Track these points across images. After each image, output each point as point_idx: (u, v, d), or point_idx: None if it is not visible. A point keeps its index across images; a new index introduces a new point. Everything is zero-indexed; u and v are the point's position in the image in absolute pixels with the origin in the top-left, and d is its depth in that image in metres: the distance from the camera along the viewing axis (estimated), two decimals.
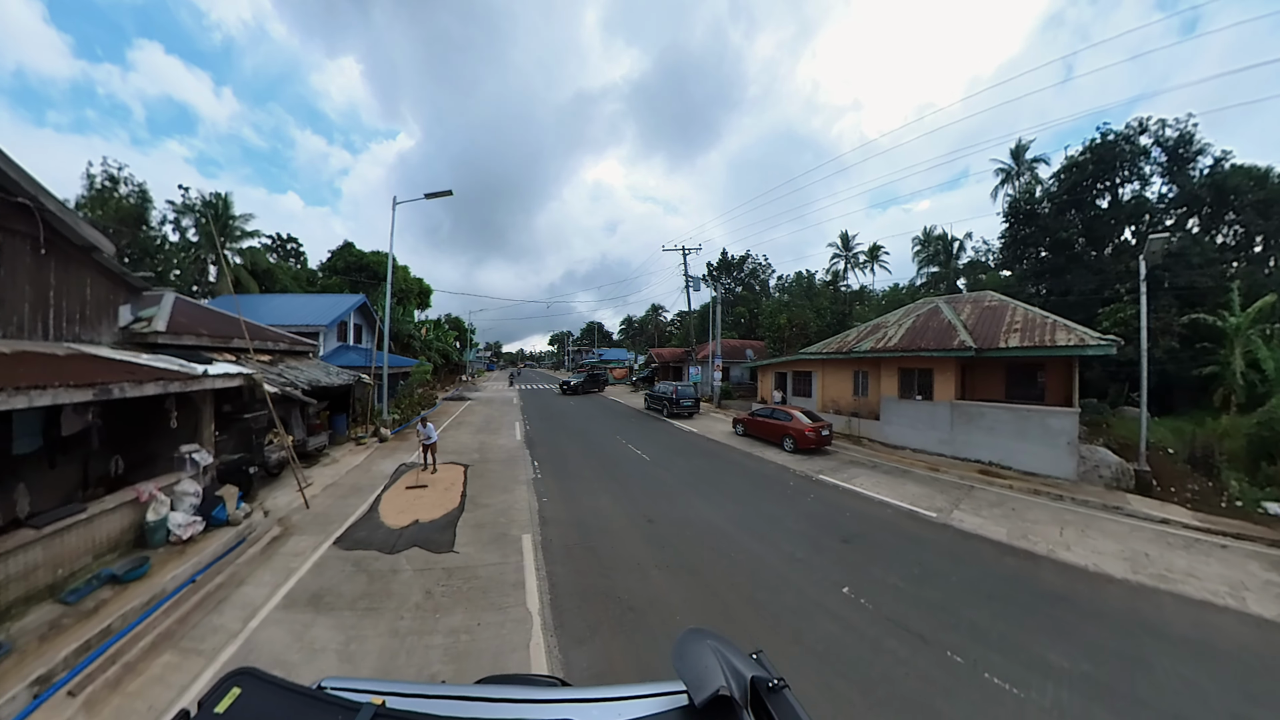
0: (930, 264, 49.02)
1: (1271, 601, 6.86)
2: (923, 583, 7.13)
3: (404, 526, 9.02)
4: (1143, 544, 9.06)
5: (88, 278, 8.96)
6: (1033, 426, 14.83)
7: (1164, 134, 29.42)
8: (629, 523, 9.64)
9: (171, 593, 6.36)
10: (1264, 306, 19.09)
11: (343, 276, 44.95)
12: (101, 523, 7.03)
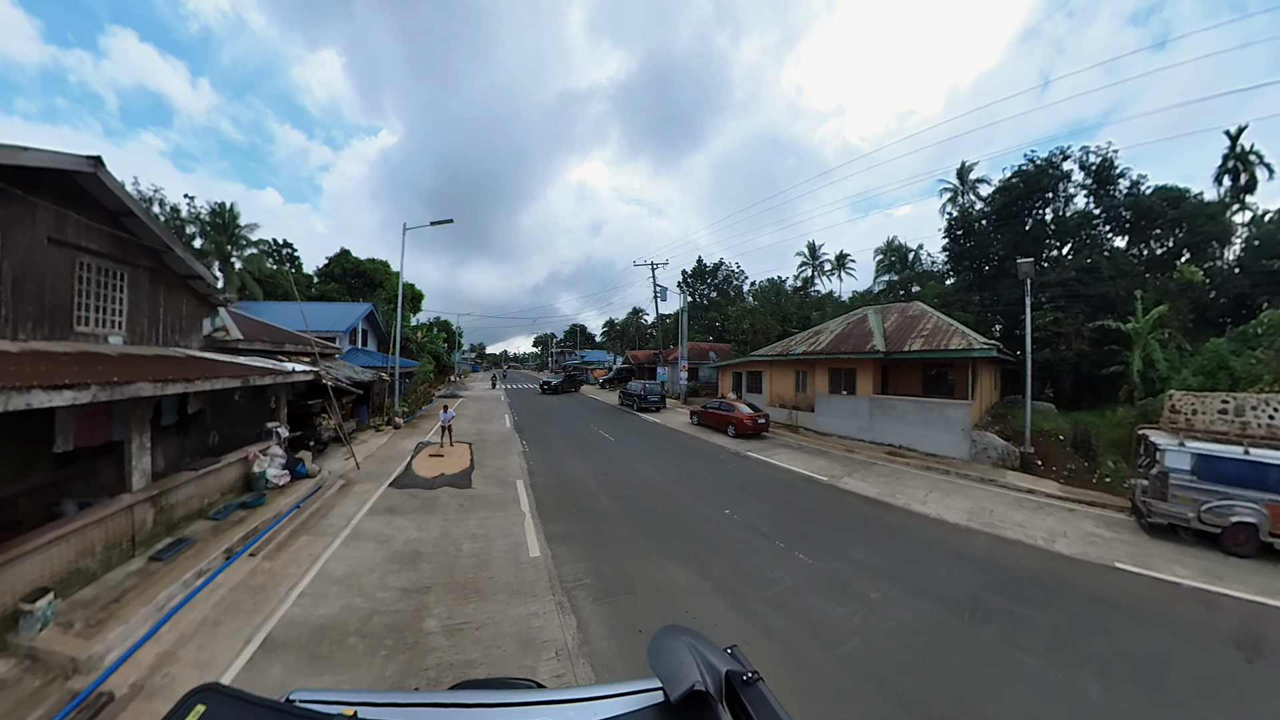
0: (889, 272, 53.19)
1: (1076, 545, 9.33)
2: (785, 512, 10.75)
3: (434, 476, 12.72)
4: (994, 504, 11.74)
5: (184, 297, 12.17)
6: (934, 416, 18.30)
7: (1088, 160, 33.57)
8: (589, 475, 13.44)
9: (286, 513, 9.77)
10: (1159, 314, 21.64)
11: (340, 283, 47.77)
12: (226, 472, 10.39)
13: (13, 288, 7.67)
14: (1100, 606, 6.96)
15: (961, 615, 6.50)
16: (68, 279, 8.76)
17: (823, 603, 6.75)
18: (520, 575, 7.40)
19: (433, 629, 5.84)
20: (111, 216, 9.50)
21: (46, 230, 8.25)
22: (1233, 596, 7.47)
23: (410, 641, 5.62)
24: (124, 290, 10.10)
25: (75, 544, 6.60)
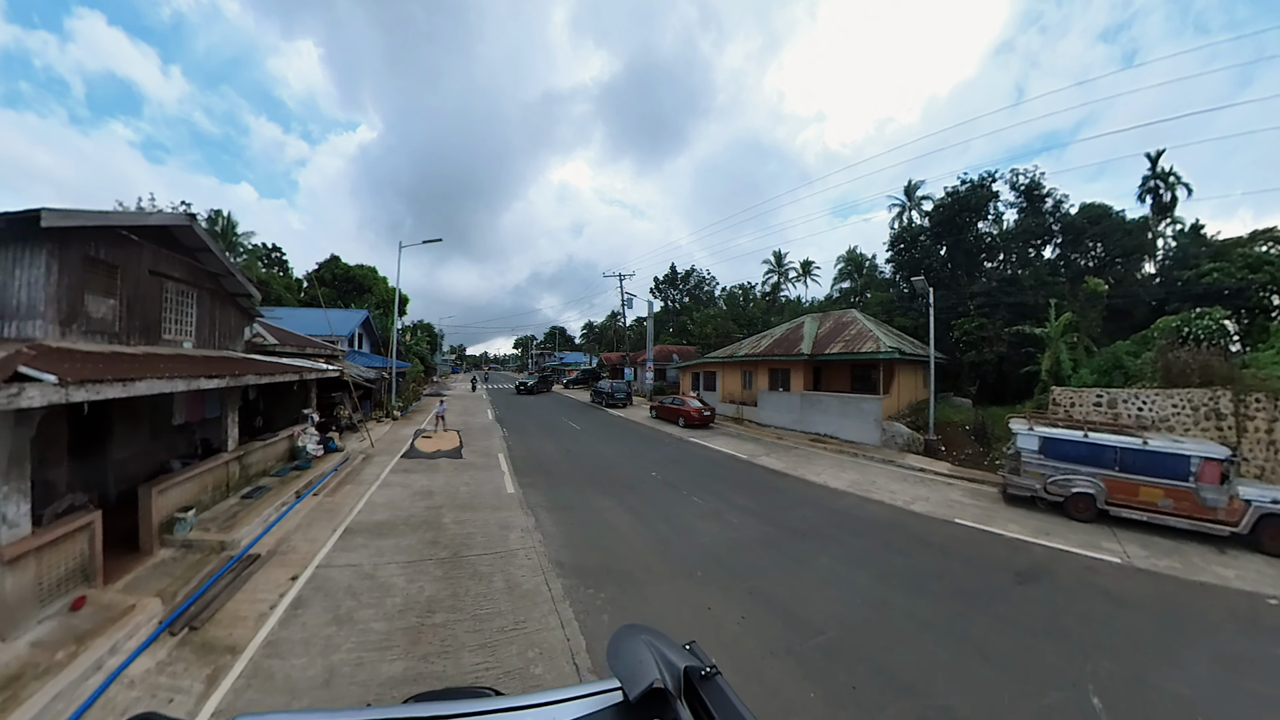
0: (847, 280, 57.43)
1: (932, 507, 11.65)
2: (699, 476, 14.41)
3: (433, 451, 16.28)
4: (880, 477, 14.45)
5: (232, 310, 15.36)
6: (852, 409, 21.97)
7: (1018, 181, 37.71)
8: (556, 452, 17.22)
9: (328, 473, 13.14)
10: (1067, 320, 23.77)
11: (330, 287, 50.42)
12: (279, 445, 13.70)
13: (126, 307, 10.87)
14: (915, 542, 9.35)
15: (795, 537, 9.58)
16: (158, 299, 11.96)
17: (698, 523, 10.28)
18: (500, 500, 11.07)
19: (447, 522, 9.50)
20: (189, 251, 12.74)
21: (148, 265, 11.47)
22: (1044, 545, 9.57)
23: (434, 526, 9.27)
24: (193, 306, 13.30)
25: (199, 483, 9.95)
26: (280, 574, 7.30)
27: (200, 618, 6.14)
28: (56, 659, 5.24)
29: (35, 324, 8.35)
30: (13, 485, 6.04)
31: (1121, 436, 11.94)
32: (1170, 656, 6.03)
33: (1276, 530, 10.04)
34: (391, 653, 5.37)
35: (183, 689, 4.86)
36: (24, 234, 8.06)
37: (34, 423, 6.24)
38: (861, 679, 5.16)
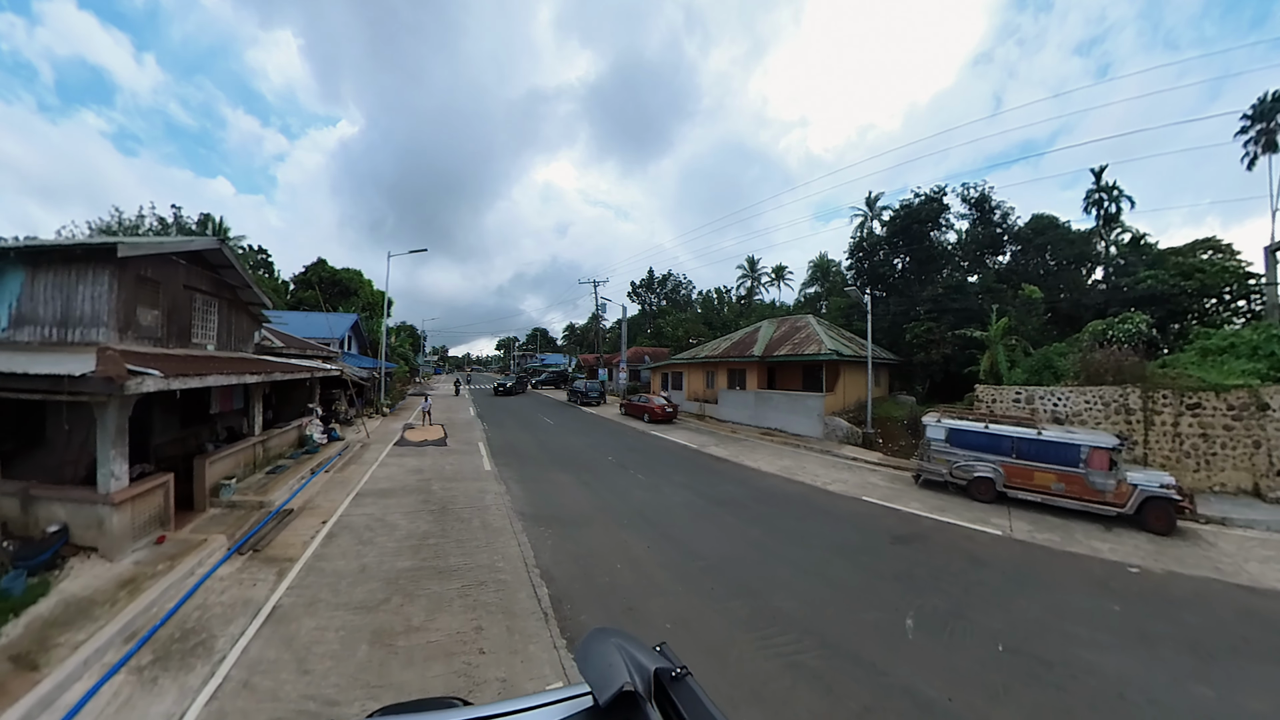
0: (815, 284, 60.44)
1: (848, 488, 13.48)
2: (649, 460, 16.93)
3: (421, 441, 18.62)
4: (812, 464, 16.51)
5: (245, 316, 17.57)
6: (798, 405, 24.60)
7: (969, 194, 40.64)
8: (529, 441, 19.71)
9: (334, 456, 15.47)
10: (1005, 324, 25.45)
11: (316, 290, 52.07)
12: (291, 433, 16.02)
13: (167, 316, 13.10)
14: (816, 512, 11.17)
15: (713, 504, 11.91)
16: (188, 309, 14.17)
17: (637, 492, 12.83)
18: (479, 475, 13.59)
19: (436, 489, 12.03)
20: (214, 268, 14.90)
21: (183, 280, 13.69)
22: (935, 519, 10.95)
23: (426, 491, 11.81)
24: (215, 314, 15.48)
25: (235, 460, 12.28)
26: (313, 520, 9.74)
27: (260, 544, 8.56)
28: (158, 569, 7.61)
29: (99, 331, 10.44)
30: (118, 450, 8.38)
31: (1019, 428, 12.99)
32: (1000, 603, 7.25)
33: (1159, 511, 11.01)
34: (401, 557, 7.90)
35: (261, 579, 7.29)
36: (93, 258, 10.21)
37: (132, 405, 8.59)
38: (721, 586, 7.50)
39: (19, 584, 6.80)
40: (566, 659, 5.47)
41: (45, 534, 7.93)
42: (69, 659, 5.35)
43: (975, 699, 5.06)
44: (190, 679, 5.07)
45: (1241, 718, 5.13)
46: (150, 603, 6.63)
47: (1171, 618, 7.16)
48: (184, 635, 5.89)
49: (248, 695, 4.81)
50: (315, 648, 5.53)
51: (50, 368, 7.80)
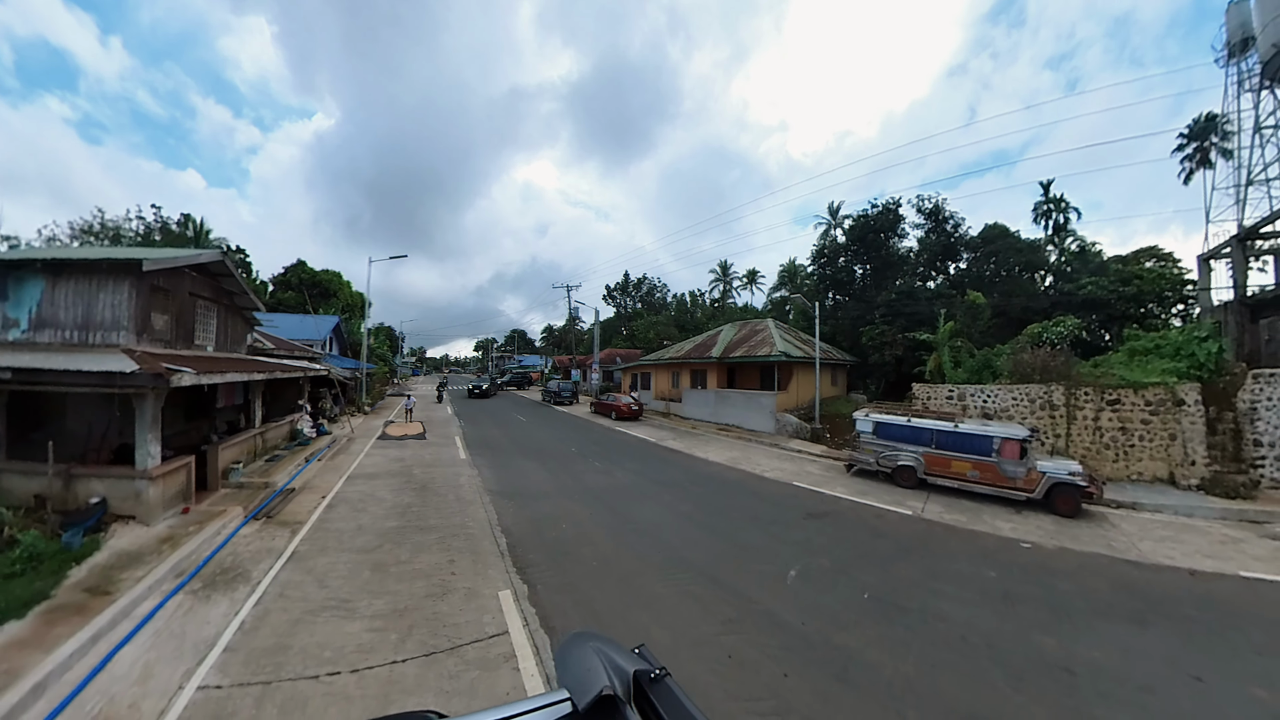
0: (783, 288, 62.99)
1: (784, 475, 14.95)
2: (609, 452, 18.92)
3: (402, 436, 20.41)
4: (758, 455, 18.26)
5: (241, 320, 19.15)
6: (753, 403, 26.68)
7: (924, 205, 43.15)
8: (502, 436, 21.60)
9: (324, 449, 17.21)
10: (950, 328, 26.89)
11: (296, 291, 52.82)
12: (284, 428, 17.71)
13: (176, 321, 14.73)
14: (746, 493, 12.82)
15: (656, 485, 14.00)
16: (191, 314, 15.73)
17: (591, 476, 14.82)
18: (455, 462, 15.51)
19: (417, 473, 13.93)
20: (214, 276, 16.49)
21: (189, 288, 15.30)
22: (854, 500, 12.44)
23: (408, 475, 13.69)
24: (214, 318, 17.02)
25: (239, 448, 14.01)
26: (313, 496, 11.61)
27: (273, 513, 10.41)
28: (189, 530, 9.41)
29: (119, 334, 11.87)
30: (154, 434, 10.14)
31: (938, 421, 14.10)
32: (883, 566, 8.33)
33: (1066, 496, 11.92)
34: (390, 520, 9.87)
35: (278, 535, 9.17)
36: (116, 269, 11.70)
37: (164, 396, 10.35)
38: (644, 542, 9.46)
39: (77, 539, 8.56)
40: (516, 581, 7.47)
41: (88, 504, 9.64)
42: (134, 588, 7.14)
43: (826, 626, 6.36)
44: (237, 594, 6.95)
45: (1072, 662, 5.87)
46: (190, 552, 8.45)
47: (1044, 584, 8.05)
48: (224, 571, 7.75)
49: (283, 600, 6.72)
50: (329, 574, 7.47)
51: (97, 365, 9.55)
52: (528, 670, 5.25)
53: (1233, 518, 12.37)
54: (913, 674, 5.43)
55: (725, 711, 4.67)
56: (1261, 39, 20.97)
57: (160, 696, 4.89)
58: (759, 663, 5.48)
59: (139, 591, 7.00)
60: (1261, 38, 20.96)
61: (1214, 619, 7.26)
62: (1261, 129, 21.77)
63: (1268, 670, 5.96)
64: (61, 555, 7.94)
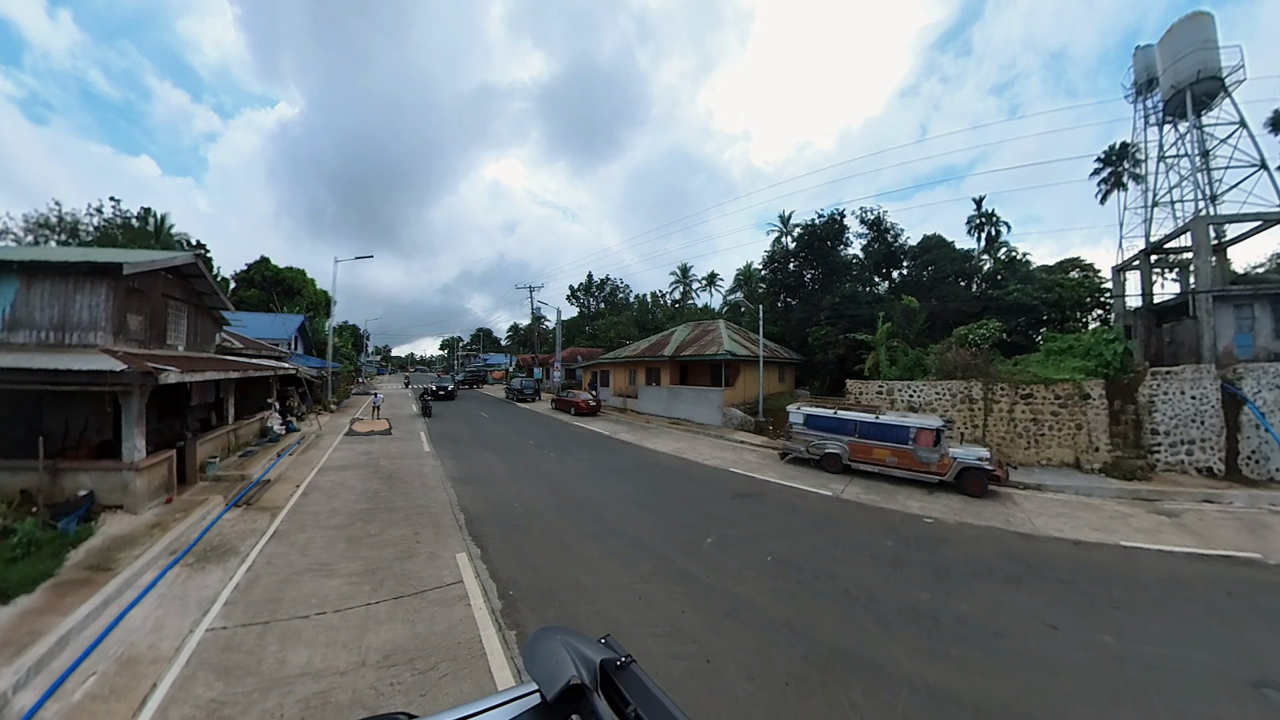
0: (738, 291, 65.04)
1: (723, 462, 16.30)
2: (565, 443, 20.16)
3: (369, 432, 21.21)
4: (702, 445, 19.86)
5: (210, 319, 19.64)
6: (702, 398, 28.22)
7: (866, 216, 45.50)
8: (466, 431, 22.59)
9: (294, 444, 17.96)
10: (887, 330, 28.68)
11: (259, 289, 51.90)
12: (255, 425, 18.38)
13: (150, 322, 15.31)
14: (684, 477, 14.30)
15: (602, 471, 15.33)
16: (164, 314, 16.16)
17: (545, 465, 16.03)
18: (419, 454, 16.57)
19: (384, 464, 14.93)
20: (186, 277, 16.92)
21: (162, 289, 15.77)
22: (781, 484, 13.69)
23: (376, 466, 14.68)
24: (184, 318, 17.42)
25: (215, 444, 14.76)
26: (288, 486, 12.54)
27: (252, 500, 11.33)
28: (176, 517, 10.29)
29: (97, 334, 12.31)
30: (139, 428, 10.93)
31: (862, 413, 15.31)
32: (793, 536, 9.40)
33: (974, 478, 12.99)
34: (360, 503, 10.95)
35: (259, 518, 10.16)
36: (94, 271, 12.11)
37: (148, 394, 11.14)
38: (586, 518, 10.68)
39: (72, 526, 9.37)
40: (472, 546, 8.70)
41: (77, 496, 10.37)
42: (133, 564, 8.05)
43: (727, 580, 7.54)
44: (229, 564, 7.98)
45: (940, 613, 6.68)
46: (179, 534, 9.36)
47: (935, 552, 8.89)
48: (214, 548, 8.74)
49: (271, 567, 7.80)
50: (309, 546, 8.56)
51: (86, 365, 10.28)
52: (476, 605, 6.53)
53: (1127, 497, 13.58)
54: (793, 616, 6.63)
55: (631, 635, 6.00)
56: (1163, 80, 23.37)
57: (174, 639, 5.94)
58: (664, 603, 6.83)
59: (138, 566, 7.91)
60: (1163, 79, 23.36)
61: (1085, 581, 8.06)
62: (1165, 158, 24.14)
63: (1119, 621, 6.75)
64: (58, 541, 8.60)
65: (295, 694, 4.77)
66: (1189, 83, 22.15)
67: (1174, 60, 22.66)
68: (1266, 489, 14.27)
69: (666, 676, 5.13)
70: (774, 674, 5.33)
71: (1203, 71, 21.88)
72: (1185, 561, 9.25)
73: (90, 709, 4.83)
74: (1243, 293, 19.27)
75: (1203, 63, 21.84)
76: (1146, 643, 6.33)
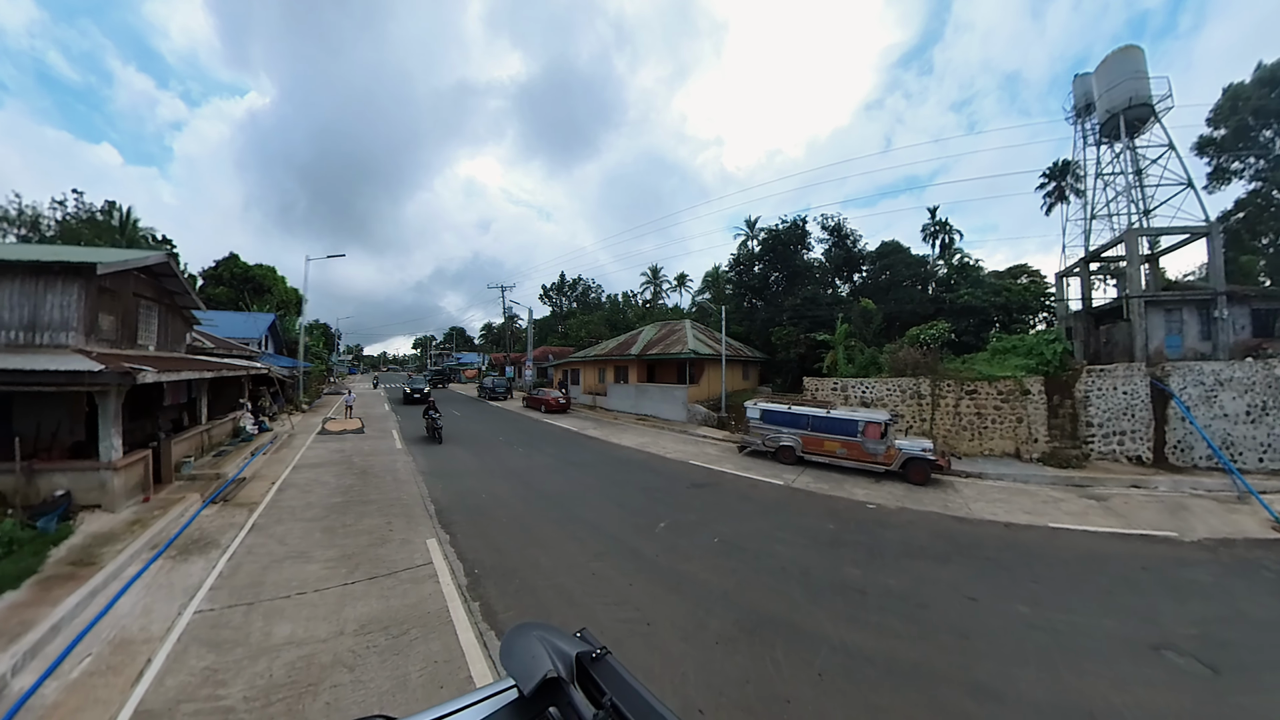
0: (707, 291, 66.20)
1: (684, 455, 17.08)
2: (534, 440, 20.75)
3: (341, 431, 21.43)
4: (666, 440, 20.55)
5: (181, 319, 19.56)
6: (668, 395, 28.95)
7: (828, 222, 46.81)
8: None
9: (268, 444, 18.15)
10: (845, 329, 29.72)
11: (228, 287, 50.59)
12: (228, 424, 18.46)
13: (121, 322, 15.25)
14: (645, 470, 14.92)
15: (569, 465, 15.93)
16: (135, 314, 15.83)
17: (513, 459, 16.59)
18: (392, 451, 17.00)
19: (356, 461, 15.34)
20: (156, 276, 16.65)
21: (133, 289, 15.56)
22: (737, 474, 14.43)
23: (349, 463, 15.06)
24: (155, 318, 17.15)
25: (189, 443, 14.93)
26: (264, 483, 12.87)
27: (229, 497, 11.67)
28: (154, 514, 10.61)
29: (69, 334, 12.17)
30: (116, 428, 11.16)
31: (814, 408, 16.03)
32: (740, 520, 10.10)
33: (918, 468, 13.70)
34: (335, 496, 11.42)
35: (237, 513, 10.56)
36: (66, 271, 12.04)
37: (125, 394, 11.36)
38: (548, 506, 11.29)
39: (51, 525, 9.62)
40: (441, 532, 9.30)
41: (53, 496, 10.56)
42: (117, 558, 8.39)
43: (674, 559, 8.20)
44: (211, 555, 8.42)
45: (868, 586, 7.24)
46: (159, 530, 9.71)
47: (872, 534, 9.45)
48: (195, 541, 9.14)
49: (252, 556, 8.27)
50: (287, 536, 9.05)
51: (63, 365, 10.43)
52: (445, 581, 7.18)
53: (1061, 483, 14.33)
54: (730, 589, 7.31)
55: (583, 603, 6.73)
56: (1099, 105, 25.00)
57: (164, 621, 6.42)
58: (614, 578, 7.55)
59: (122, 560, 8.26)
60: (1099, 104, 24.99)
61: (1010, 558, 8.55)
62: (1102, 175, 25.76)
63: (1036, 594, 7.22)
64: (39, 540, 8.81)
65: (282, 659, 5.35)
66: (1122, 108, 23.71)
67: (1108, 87, 24.27)
68: (1189, 475, 15.25)
69: (610, 636, 5.85)
70: (706, 635, 6.07)
71: (1134, 99, 23.44)
72: (1107, 540, 9.83)
73: (89, 684, 5.27)
74: (1172, 298, 20.76)
75: (1134, 91, 23.44)
76: (1059, 611, 6.80)
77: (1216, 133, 29.38)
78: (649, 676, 5.17)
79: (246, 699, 4.76)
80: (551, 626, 1.48)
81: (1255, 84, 27.49)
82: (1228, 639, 6.37)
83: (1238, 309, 19.93)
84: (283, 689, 4.88)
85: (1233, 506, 12.32)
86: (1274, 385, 16.28)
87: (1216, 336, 19.61)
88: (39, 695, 5.08)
